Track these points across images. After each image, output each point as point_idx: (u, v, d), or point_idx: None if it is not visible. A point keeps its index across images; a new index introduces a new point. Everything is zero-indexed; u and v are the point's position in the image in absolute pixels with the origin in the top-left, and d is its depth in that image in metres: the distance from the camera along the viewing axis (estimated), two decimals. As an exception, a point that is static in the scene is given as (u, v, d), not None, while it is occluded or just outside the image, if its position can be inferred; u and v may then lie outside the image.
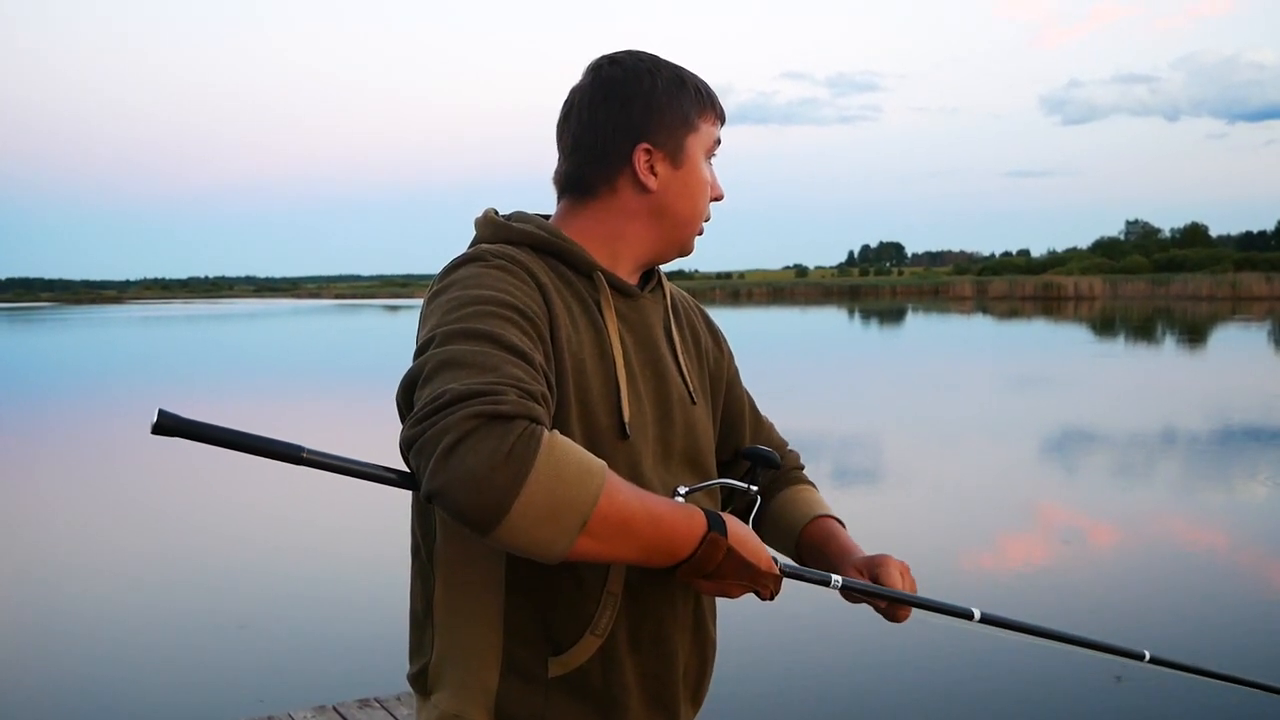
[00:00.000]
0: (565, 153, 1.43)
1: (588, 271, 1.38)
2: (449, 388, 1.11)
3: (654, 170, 1.40)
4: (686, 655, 1.43)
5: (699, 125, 1.42)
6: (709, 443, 1.49)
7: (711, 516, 1.22)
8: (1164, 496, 9.15)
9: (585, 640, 1.32)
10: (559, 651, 1.32)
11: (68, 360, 29.84)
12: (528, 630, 1.32)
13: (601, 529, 1.11)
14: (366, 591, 6.49)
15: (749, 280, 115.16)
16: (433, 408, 1.10)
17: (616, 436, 1.33)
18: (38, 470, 11.43)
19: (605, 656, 1.33)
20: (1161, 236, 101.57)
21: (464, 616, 1.33)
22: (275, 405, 16.24)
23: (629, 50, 1.45)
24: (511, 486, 1.05)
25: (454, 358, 1.16)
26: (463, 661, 1.34)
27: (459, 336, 1.19)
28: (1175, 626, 5.68)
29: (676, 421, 1.42)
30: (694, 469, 1.45)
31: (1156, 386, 17.64)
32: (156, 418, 1.08)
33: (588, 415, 1.30)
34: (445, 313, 1.24)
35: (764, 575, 1.26)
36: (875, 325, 41.78)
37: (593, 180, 1.41)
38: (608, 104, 1.39)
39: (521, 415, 1.09)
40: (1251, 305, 46.54)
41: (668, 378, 1.43)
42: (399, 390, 1.23)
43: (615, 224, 1.42)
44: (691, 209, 1.44)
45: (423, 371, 1.17)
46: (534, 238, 1.37)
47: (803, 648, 5.35)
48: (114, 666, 5.35)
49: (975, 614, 1.53)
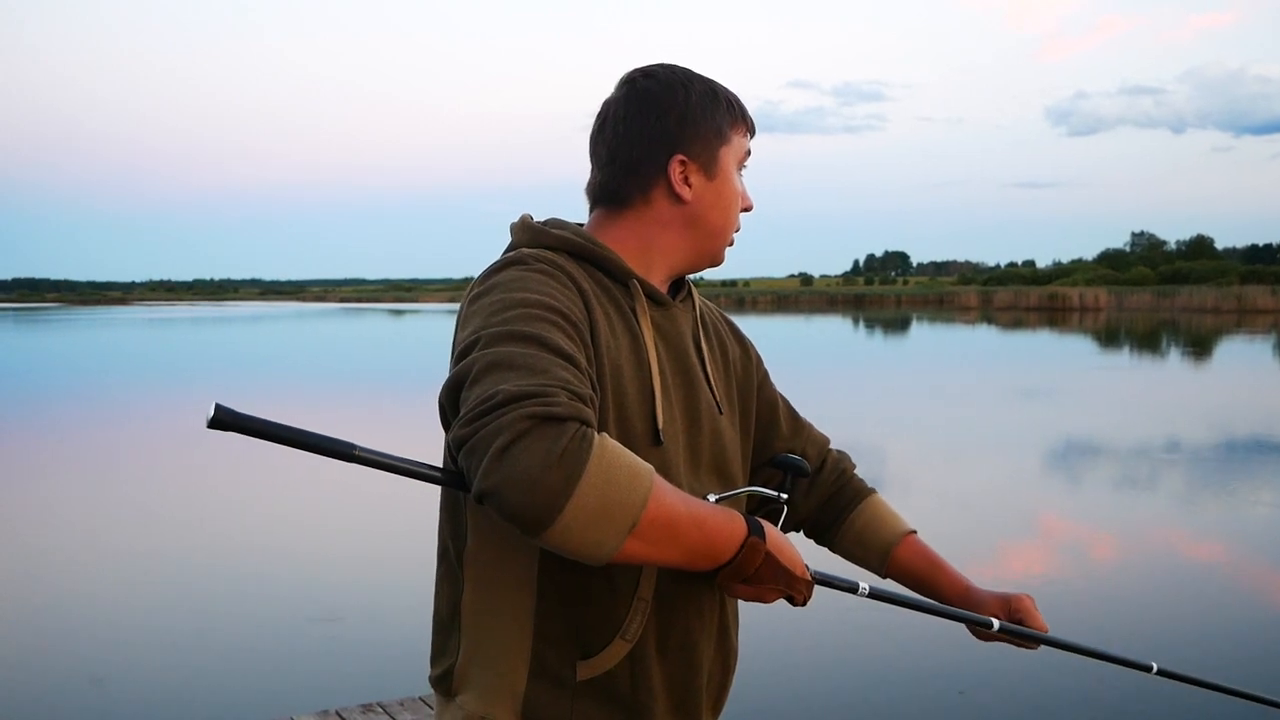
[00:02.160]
0: (600, 164, 1.45)
1: (624, 279, 1.40)
2: (501, 388, 1.11)
3: (688, 181, 1.42)
4: (710, 662, 1.44)
5: (731, 137, 1.45)
6: (735, 452, 1.51)
7: (751, 521, 1.24)
8: (1167, 509, 9.14)
9: (615, 645, 1.33)
10: (588, 655, 1.32)
11: (83, 360, 29.89)
12: (557, 633, 1.32)
13: (650, 531, 1.12)
14: (370, 597, 6.50)
15: (754, 288, 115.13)
16: (485, 408, 1.10)
17: (650, 443, 1.34)
18: (45, 469, 11.45)
19: (633, 662, 1.34)
20: (1167, 248, 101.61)
21: (494, 618, 1.34)
22: (287, 405, 16.26)
23: (662, 63, 1.46)
24: (565, 488, 1.06)
25: (502, 359, 1.16)
26: (491, 663, 1.34)
27: (506, 338, 1.19)
28: (1178, 639, 5.67)
29: (705, 430, 1.44)
30: (721, 477, 1.47)
31: (1161, 398, 17.61)
32: (213, 412, 1.06)
33: (623, 420, 1.32)
34: (489, 314, 1.24)
35: (799, 581, 1.27)
36: (880, 334, 41.76)
37: (627, 191, 1.43)
38: (643, 116, 1.41)
39: (573, 417, 1.10)
40: (1257, 318, 46.46)
41: (697, 387, 1.44)
42: (444, 391, 1.23)
43: (649, 233, 1.43)
44: (724, 219, 1.46)
45: (470, 372, 1.17)
46: (572, 244, 1.39)
47: (819, 658, 5.34)
48: (114, 668, 5.35)
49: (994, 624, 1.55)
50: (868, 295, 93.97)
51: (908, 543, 1.65)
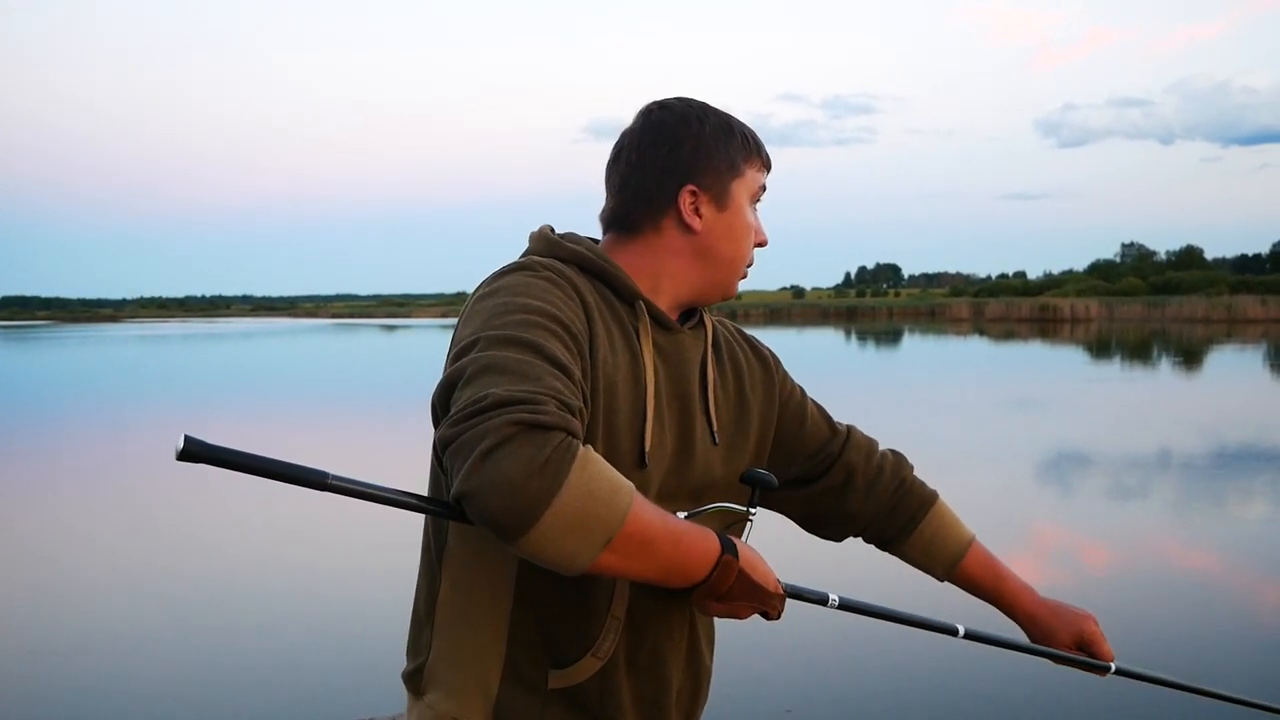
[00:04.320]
0: (613, 191, 1.47)
1: (630, 299, 1.41)
2: (490, 391, 1.13)
3: (699, 212, 1.44)
4: (680, 679, 1.46)
5: (745, 171, 1.47)
6: (726, 483, 1.51)
7: (724, 540, 1.25)
8: (1160, 519, 9.16)
9: (586, 661, 1.35)
10: (560, 666, 1.34)
11: (72, 378, 29.80)
12: (531, 639, 1.34)
13: (625, 545, 1.13)
14: (361, 613, 6.48)
15: (746, 301, 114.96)
16: (473, 409, 1.12)
17: (634, 464, 1.35)
18: (34, 487, 11.40)
19: (603, 678, 1.36)
20: (1157, 259, 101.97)
21: (468, 619, 1.35)
22: (280, 425, 16.23)
23: (679, 96, 1.49)
24: (544, 496, 1.07)
25: (496, 363, 1.18)
26: (463, 664, 1.36)
27: (503, 342, 1.21)
28: (1170, 648, 5.68)
29: (696, 460, 1.45)
30: (698, 506, 1.46)
31: (1153, 408, 17.66)
32: (182, 444, 1.07)
33: (611, 438, 1.33)
34: (490, 317, 1.26)
35: (772, 596, 1.29)
36: (872, 346, 41.83)
37: (639, 219, 1.45)
38: (656, 147, 1.44)
39: (559, 427, 1.11)
40: (1247, 328, 46.63)
41: (693, 415, 1.45)
42: (437, 391, 1.25)
43: (658, 261, 1.45)
44: (734, 251, 1.48)
45: (464, 373, 1.19)
46: (583, 258, 1.41)
47: (798, 669, 5.34)
48: (108, 683, 5.33)
49: (959, 630, 1.58)
50: (859, 307, 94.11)
51: (973, 553, 1.79)
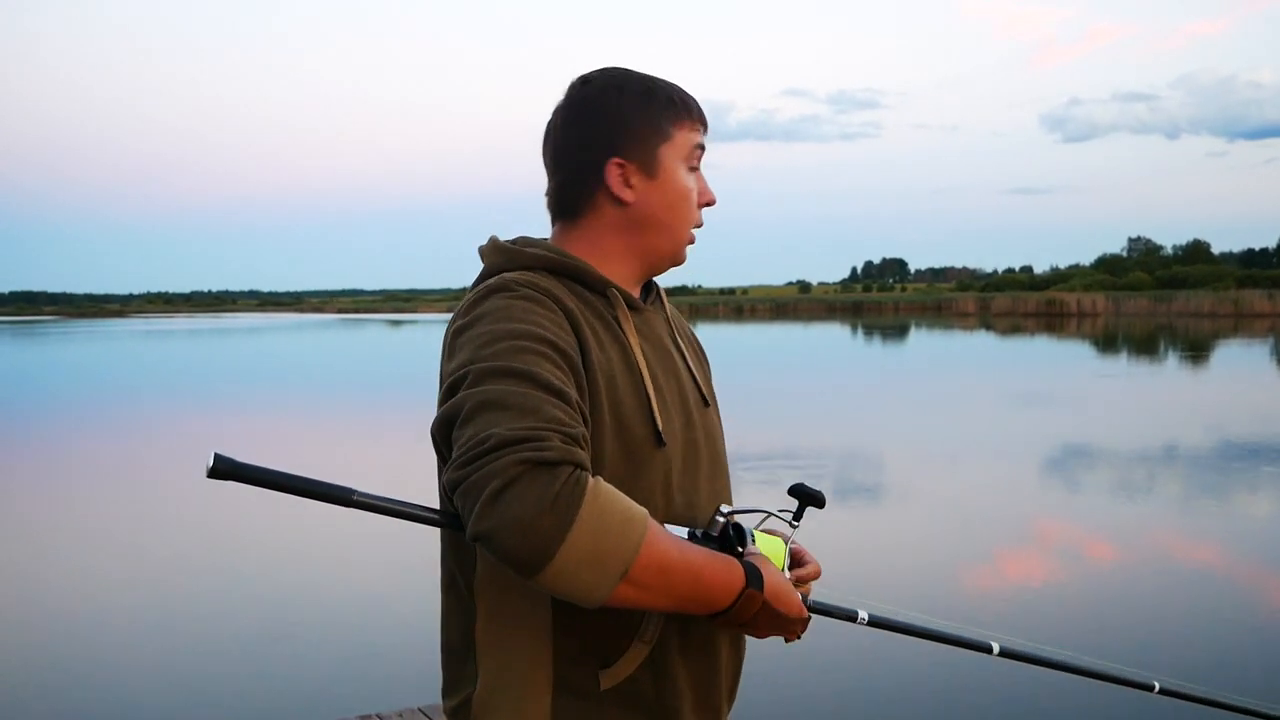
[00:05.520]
0: (549, 174, 1.46)
1: (601, 289, 1.40)
2: (493, 431, 1.12)
3: (629, 183, 1.40)
4: (727, 654, 1.45)
5: (672, 134, 1.42)
6: (723, 443, 1.53)
7: (749, 570, 1.25)
8: (1165, 514, 9.15)
9: (633, 649, 1.33)
10: (608, 664, 1.33)
11: (89, 374, 29.87)
12: (575, 648, 1.32)
13: (642, 577, 1.14)
14: (369, 607, 6.51)
15: (752, 296, 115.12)
16: (477, 452, 1.12)
17: (654, 445, 1.35)
18: (39, 486, 11.45)
19: (655, 664, 1.35)
20: (1164, 253, 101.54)
21: (512, 641, 1.33)
22: (291, 428, 16.25)
23: (602, 68, 1.46)
24: (557, 533, 1.08)
25: (493, 398, 1.17)
26: (514, 687, 1.33)
27: (496, 375, 1.19)
28: (1175, 645, 5.68)
29: (698, 425, 1.45)
30: (718, 470, 1.48)
31: (1159, 403, 17.64)
32: (212, 462, 1.08)
33: (624, 430, 1.32)
34: (478, 347, 1.24)
35: (794, 623, 1.30)
36: (878, 341, 41.79)
37: (575, 199, 1.43)
38: (579, 124, 1.41)
39: (566, 461, 1.11)
40: (1253, 322, 46.53)
41: (684, 385, 1.46)
42: (435, 426, 1.25)
43: (603, 240, 1.43)
44: (672, 217, 1.43)
45: (461, 411, 1.18)
46: (548, 260, 1.39)
47: (823, 682, 5.35)
48: (117, 683, 5.35)
49: (994, 647, 1.57)
50: (866, 302, 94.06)
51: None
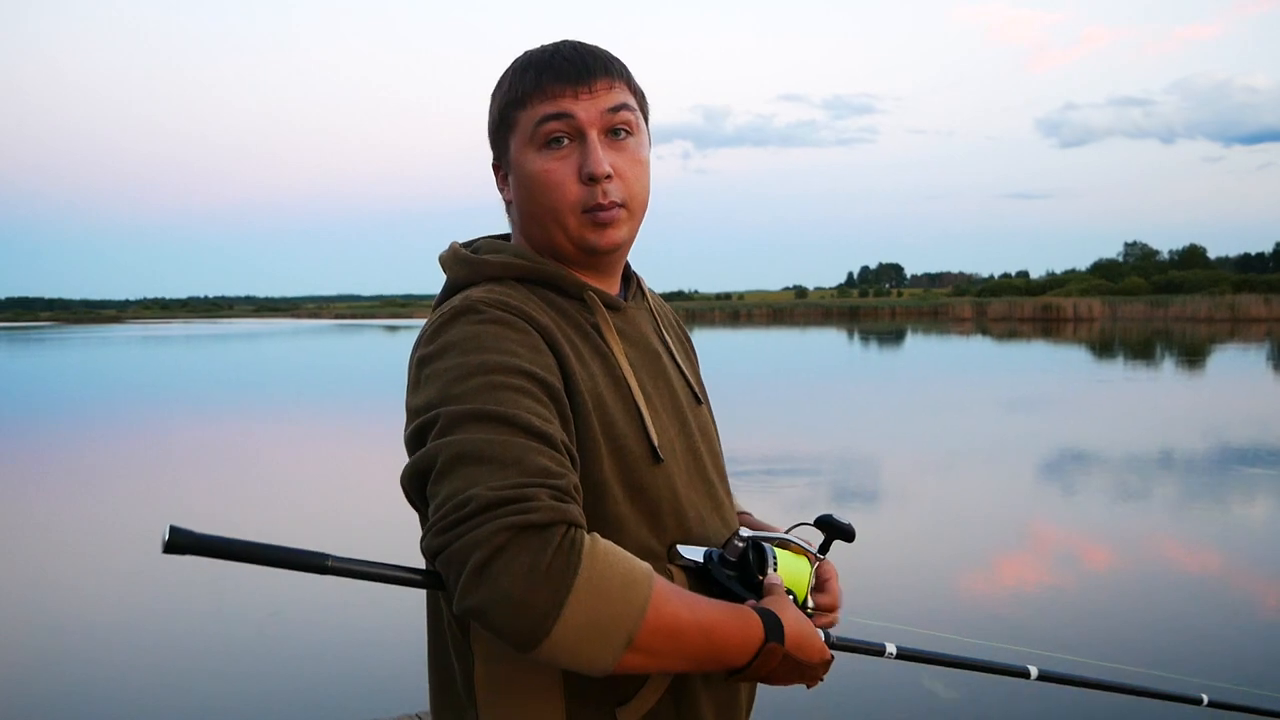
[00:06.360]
0: None
1: (577, 293, 1.31)
2: (473, 493, 1.02)
3: (506, 182, 1.37)
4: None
5: (517, 118, 1.30)
6: (719, 442, 1.47)
7: (768, 620, 1.15)
8: (1162, 519, 9.15)
9: (653, 681, 1.22)
10: (624, 701, 1.21)
11: (86, 380, 29.82)
12: (587, 686, 1.19)
13: (649, 643, 1.05)
14: (365, 614, 6.49)
15: (748, 301, 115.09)
16: (456, 518, 1.02)
17: (651, 462, 1.26)
18: (29, 491, 11.42)
19: (676, 694, 1.25)
20: (1160, 258, 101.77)
21: (515, 688, 1.21)
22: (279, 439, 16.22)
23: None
24: (551, 608, 0.99)
25: (469, 450, 1.05)
26: None
27: (470, 420, 1.08)
28: (1173, 649, 5.67)
29: (694, 428, 1.38)
30: (719, 474, 1.42)
31: (1155, 408, 17.64)
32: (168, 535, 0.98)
33: (618, 449, 1.23)
34: (447, 384, 1.12)
35: (817, 668, 1.21)
36: (875, 346, 41.80)
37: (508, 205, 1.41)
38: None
39: (557, 521, 1.02)
40: (1250, 327, 46.56)
41: (674, 387, 1.38)
42: (406, 477, 1.13)
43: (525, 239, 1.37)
44: (538, 207, 1.30)
45: (435, 464, 1.07)
46: (516, 268, 1.29)
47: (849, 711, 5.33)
48: (113, 692, 5.34)
49: (1032, 672, 1.58)
50: (862, 307, 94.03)
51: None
